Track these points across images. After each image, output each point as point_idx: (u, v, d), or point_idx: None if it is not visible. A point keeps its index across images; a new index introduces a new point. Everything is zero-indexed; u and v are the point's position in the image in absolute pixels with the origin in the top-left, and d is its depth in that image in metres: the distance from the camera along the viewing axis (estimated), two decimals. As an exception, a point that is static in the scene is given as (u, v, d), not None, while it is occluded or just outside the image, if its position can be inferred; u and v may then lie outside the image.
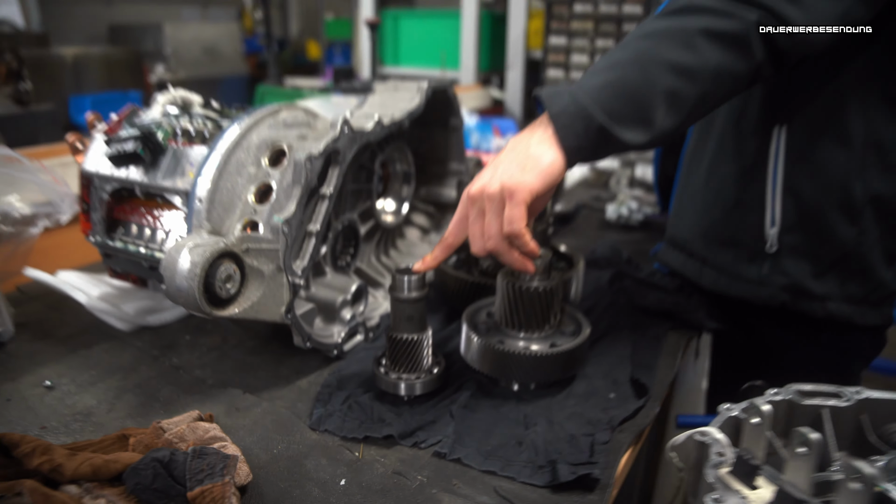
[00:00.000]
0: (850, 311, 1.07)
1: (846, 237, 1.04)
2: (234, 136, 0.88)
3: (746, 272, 1.11)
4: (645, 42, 0.80)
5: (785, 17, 0.79)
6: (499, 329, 0.89)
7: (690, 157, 1.23)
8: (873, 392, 0.78)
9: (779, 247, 1.07)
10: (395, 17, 2.95)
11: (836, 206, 1.03)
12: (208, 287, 0.76)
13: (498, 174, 0.77)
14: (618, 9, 2.17)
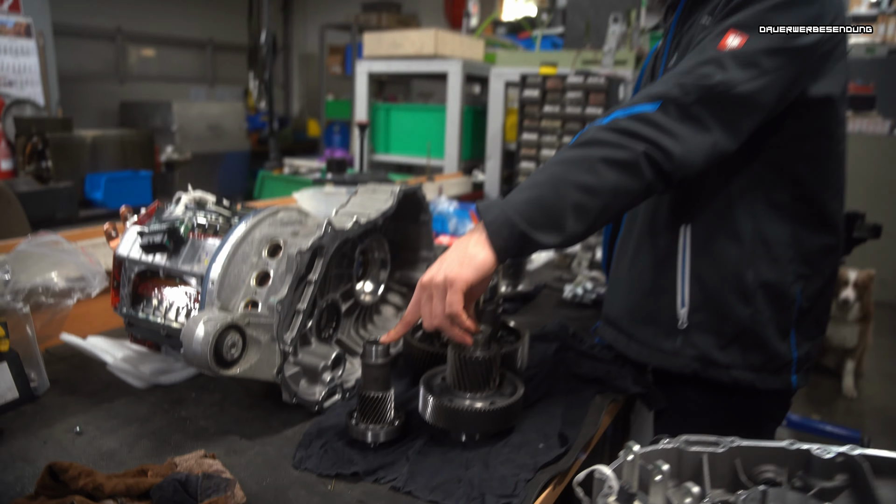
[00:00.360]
0: (753, 378, 1.29)
1: (743, 316, 1.26)
2: (241, 232, 1.11)
3: (663, 345, 1.33)
4: (558, 167, 1.04)
5: (665, 148, 1.04)
6: (449, 390, 1.10)
7: (619, 249, 1.47)
8: (745, 441, 0.98)
9: (688, 324, 1.29)
10: (386, 109, 3.25)
11: (733, 290, 1.26)
12: (217, 352, 0.97)
13: (443, 268, 1.00)
14: (581, 110, 2.44)
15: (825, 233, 1.29)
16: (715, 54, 1.08)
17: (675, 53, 1.31)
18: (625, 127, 1.04)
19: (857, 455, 0.94)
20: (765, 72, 1.08)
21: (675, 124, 1.05)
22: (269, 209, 1.19)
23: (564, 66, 2.68)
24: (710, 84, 1.06)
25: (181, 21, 8.60)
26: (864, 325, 4.14)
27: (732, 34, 1.09)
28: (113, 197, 3.30)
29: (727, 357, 1.28)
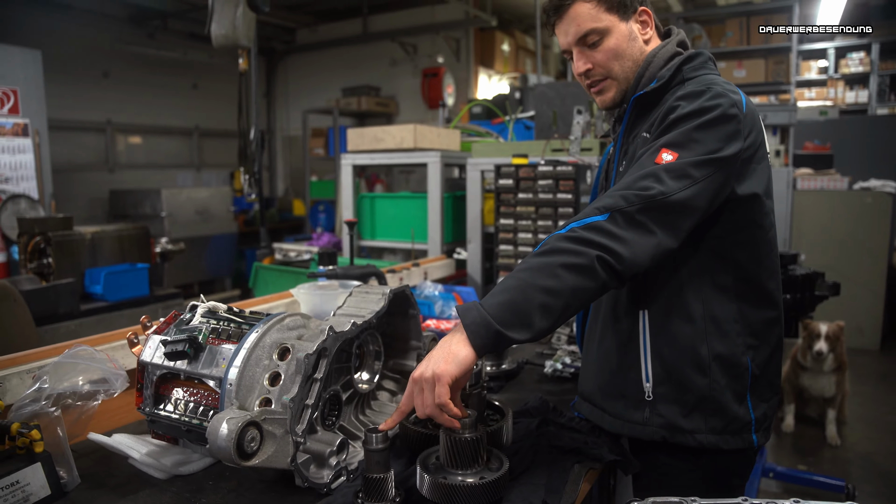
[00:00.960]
0: (716, 440, 1.45)
1: (701, 386, 1.43)
2: (254, 339, 1.28)
3: (633, 417, 1.49)
4: (525, 273, 1.23)
5: (615, 252, 1.23)
6: (443, 468, 1.24)
7: (588, 332, 1.64)
8: (705, 500, 1.14)
9: (654, 396, 1.46)
10: (371, 198, 3.47)
11: (691, 364, 1.44)
12: (239, 446, 1.12)
13: (430, 365, 1.17)
14: (553, 196, 2.65)
15: (767, 307, 1.48)
16: (652, 169, 1.29)
17: (624, 161, 1.54)
18: (580, 236, 1.24)
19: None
20: (696, 181, 1.29)
21: (622, 231, 1.24)
22: (277, 317, 1.36)
23: (535, 155, 2.91)
24: (649, 195, 1.26)
25: (168, 111, 8.93)
26: (840, 374, 4.32)
27: (665, 151, 1.31)
28: (112, 290, 3.44)
29: (691, 423, 1.45)
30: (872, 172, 6.76)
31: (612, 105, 1.58)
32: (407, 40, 9.23)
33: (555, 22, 1.54)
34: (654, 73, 1.52)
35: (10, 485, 1.25)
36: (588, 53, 1.52)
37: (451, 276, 3.20)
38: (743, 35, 8.31)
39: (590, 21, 1.48)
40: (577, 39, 1.51)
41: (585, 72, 1.54)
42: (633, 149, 1.50)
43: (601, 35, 1.50)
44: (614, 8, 1.49)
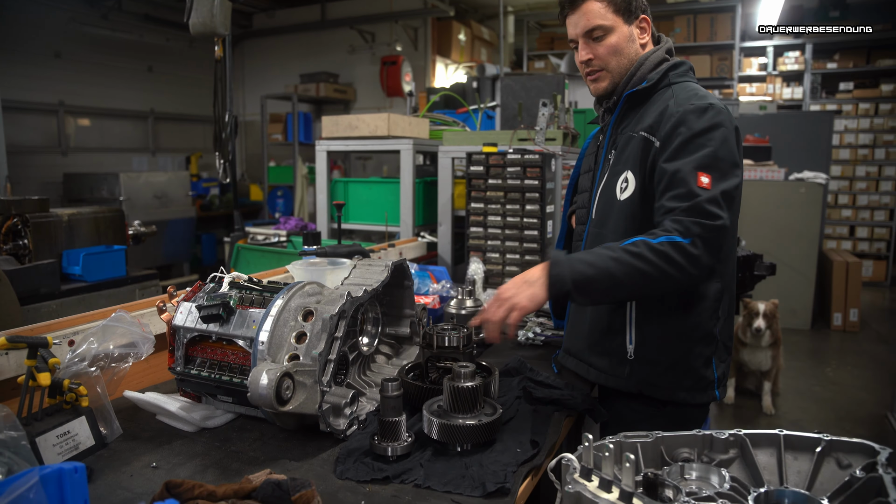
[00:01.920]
0: (686, 396, 1.72)
1: (677, 352, 1.73)
2: (281, 303, 1.46)
3: (616, 371, 1.75)
4: (613, 263, 1.52)
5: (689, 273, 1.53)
6: (446, 413, 1.45)
7: None
8: (667, 433, 1.38)
9: (634, 357, 1.72)
10: (345, 183, 3.63)
11: (671, 333, 1.73)
12: (278, 393, 1.31)
13: (517, 293, 1.56)
14: (521, 182, 2.87)
15: (733, 284, 1.76)
16: (711, 194, 1.55)
17: (613, 149, 1.81)
18: (666, 251, 1.50)
19: (742, 434, 1.35)
20: (736, 202, 1.62)
21: (698, 251, 1.51)
22: (298, 284, 1.55)
23: (502, 143, 3.13)
24: (718, 225, 1.53)
25: (122, 94, 8.82)
26: (776, 349, 4.71)
27: (702, 175, 1.57)
28: (91, 271, 3.52)
29: (665, 381, 1.73)
30: (806, 165, 7.22)
31: (603, 94, 1.85)
32: (365, 28, 9.32)
33: (567, 13, 1.80)
34: (644, 74, 1.78)
35: (64, 433, 1.41)
36: (592, 46, 1.77)
37: (423, 257, 3.40)
38: (690, 31, 8.70)
39: (598, 18, 1.73)
40: (585, 32, 1.76)
41: (587, 60, 1.79)
42: (624, 140, 1.77)
43: (605, 32, 1.74)
44: (620, 11, 1.74)
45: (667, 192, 1.60)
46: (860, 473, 1.25)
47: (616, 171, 1.78)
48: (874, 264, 9.10)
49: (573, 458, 1.21)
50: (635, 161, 1.72)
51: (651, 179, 1.69)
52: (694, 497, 1.22)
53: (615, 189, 1.77)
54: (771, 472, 1.35)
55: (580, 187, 2.04)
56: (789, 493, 1.28)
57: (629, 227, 1.72)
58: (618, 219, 1.76)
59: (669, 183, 1.60)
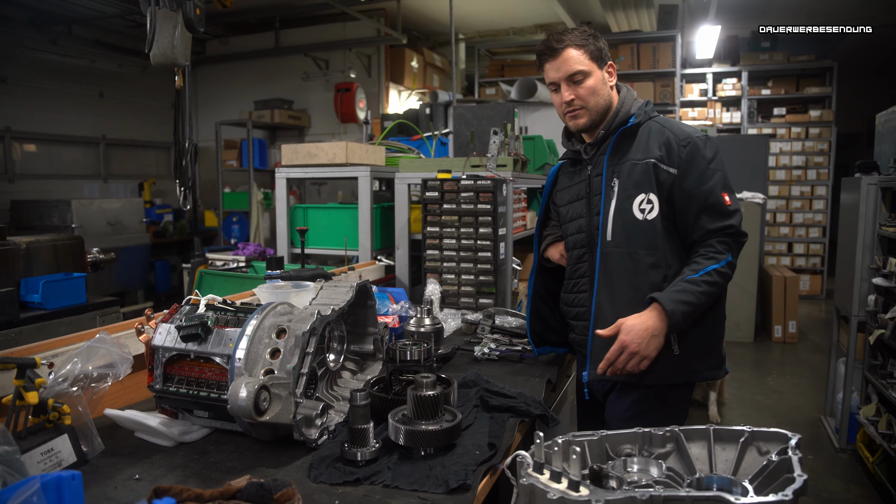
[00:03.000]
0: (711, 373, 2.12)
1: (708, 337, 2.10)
2: (256, 322, 1.58)
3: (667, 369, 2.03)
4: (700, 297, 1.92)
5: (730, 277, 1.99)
6: (410, 421, 1.58)
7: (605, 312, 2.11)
8: (610, 431, 1.53)
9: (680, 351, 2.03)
10: (304, 209, 3.75)
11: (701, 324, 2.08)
12: (255, 404, 1.42)
13: (642, 346, 1.91)
14: (474, 207, 3.03)
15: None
16: (734, 212, 2.00)
17: (615, 177, 2.07)
18: (725, 272, 1.97)
19: (677, 430, 1.51)
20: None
21: (736, 261, 2.01)
22: (270, 305, 1.66)
23: (456, 170, 3.29)
24: (744, 241, 2.03)
25: (73, 119, 8.74)
26: (719, 362, 4.95)
27: (725, 195, 1.99)
28: (50, 298, 3.53)
29: (703, 364, 2.08)
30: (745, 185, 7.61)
31: (582, 129, 2.14)
32: (319, 55, 9.47)
33: (547, 60, 2.07)
34: (628, 111, 2.10)
35: (47, 451, 1.49)
36: (574, 87, 2.05)
37: (382, 279, 3.53)
38: (634, 60, 9.09)
39: (578, 64, 2.02)
40: (567, 76, 2.03)
41: (569, 101, 2.06)
42: (626, 169, 2.05)
43: (584, 76, 2.03)
44: (595, 58, 2.05)
45: (704, 213, 1.98)
46: (775, 457, 1.43)
47: (628, 195, 2.03)
48: (811, 278, 9.58)
49: (526, 455, 1.35)
50: (650, 185, 2.00)
51: (668, 200, 2.01)
52: (635, 485, 1.38)
53: (632, 211, 2.03)
54: (703, 461, 1.52)
55: (568, 216, 2.26)
56: (717, 479, 1.45)
57: (659, 242, 2.02)
58: (646, 236, 2.02)
59: (705, 206, 1.98)
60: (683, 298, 1.90)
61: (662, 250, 2.02)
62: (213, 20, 9.22)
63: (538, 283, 2.43)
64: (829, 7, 8.53)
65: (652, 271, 2.03)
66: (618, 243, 2.06)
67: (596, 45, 2.05)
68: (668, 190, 2.00)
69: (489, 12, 9.54)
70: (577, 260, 2.23)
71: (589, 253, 2.17)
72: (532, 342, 2.42)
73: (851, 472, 4.08)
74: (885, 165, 4.16)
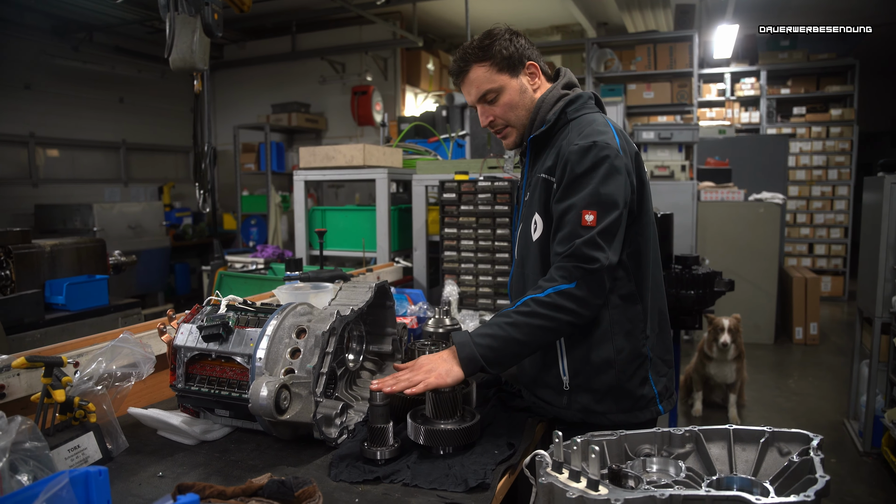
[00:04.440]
0: (626, 417, 1.76)
1: (609, 378, 1.74)
2: (276, 323, 1.60)
3: (557, 402, 1.79)
4: (510, 329, 1.61)
5: (582, 315, 1.64)
6: (430, 420, 1.59)
7: None
8: (630, 431, 1.53)
9: (570, 387, 1.77)
10: (322, 211, 3.78)
11: (599, 361, 1.74)
12: (276, 403, 1.44)
13: (434, 368, 1.60)
14: (492, 208, 3.03)
15: (659, 300, 1.87)
16: (589, 236, 1.63)
17: (528, 191, 1.89)
18: (555, 302, 1.61)
19: (696, 430, 1.51)
20: (617, 238, 1.67)
21: (586, 294, 1.63)
22: (290, 305, 1.68)
23: (473, 171, 3.30)
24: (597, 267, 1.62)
25: (93, 125, 8.87)
26: (740, 362, 4.92)
27: (587, 213, 1.64)
28: (74, 300, 3.59)
29: (603, 406, 1.76)
30: (764, 186, 7.55)
31: (514, 147, 1.95)
32: (335, 58, 9.52)
33: (459, 83, 1.88)
34: (543, 116, 1.85)
35: (74, 448, 1.52)
36: (488, 108, 1.86)
37: (399, 281, 3.54)
38: (651, 60, 9.04)
39: (486, 83, 1.81)
40: (478, 98, 1.85)
41: (489, 123, 1.89)
42: (534, 183, 1.84)
43: (497, 93, 1.82)
44: (505, 69, 1.81)
45: (556, 232, 1.71)
46: (796, 458, 1.43)
47: (529, 213, 1.86)
48: (832, 280, 9.47)
49: (545, 455, 1.36)
50: (540, 203, 1.80)
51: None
52: (654, 484, 1.37)
53: (530, 230, 1.85)
54: (722, 462, 1.51)
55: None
56: (737, 480, 1.45)
57: (545, 266, 1.78)
58: (534, 259, 1.83)
59: (558, 224, 1.71)
60: (486, 332, 1.65)
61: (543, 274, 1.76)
62: (229, 25, 9.31)
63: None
64: (848, 5, 8.44)
65: None
66: (520, 264, 1.92)
67: (503, 51, 1.81)
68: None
69: (505, 14, 9.54)
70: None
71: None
72: None
73: (876, 477, 4.02)
74: (909, 164, 4.11)
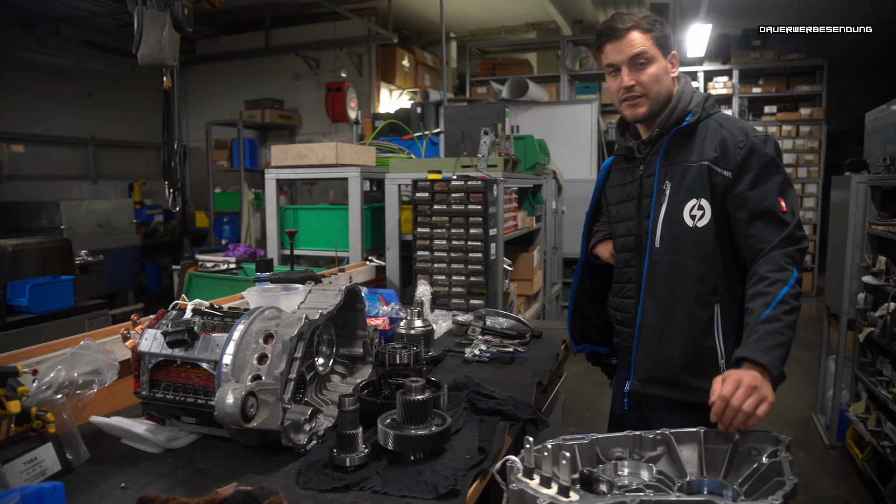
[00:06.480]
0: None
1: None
2: (243, 327, 1.56)
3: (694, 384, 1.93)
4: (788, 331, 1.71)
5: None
6: (400, 425, 1.57)
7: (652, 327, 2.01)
8: (601, 434, 1.52)
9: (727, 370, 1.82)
10: (294, 210, 3.73)
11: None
12: (243, 411, 1.40)
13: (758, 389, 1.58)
14: (465, 207, 3.02)
15: None
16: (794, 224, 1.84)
17: (667, 180, 1.96)
18: (797, 291, 1.77)
19: (668, 433, 1.51)
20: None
21: (801, 273, 1.82)
22: (258, 309, 1.65)
23: (446, 170, 3.28)
24: (805, 247, 1.85)
25: (61, 120, 8.68)
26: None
27: (782, 200, 1.84)
28: (38, 302, 3.50)
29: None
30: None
31: (640, 118, 2.01)
32: (310, 55, 9.43)
33: (609, 41, 1.95)
34: (685, 108, 1.98)
35: (30, 461, 1.47)
36: (635, 72, 1.94)
37: (372, 280, 3.51)
38: (623, 57, 9.09)
39: (643, 48, 1.91)
40: (630, 59, 1.92)
41: (629, 86, 1.95)
42: (679, 171, 1.94)
43: (648, 61, 1.93)
44: (659, 44, 1.94)
45: (757, 219, 1.85)
46: (766, 460, 1.43)
47: (680, 199, 1.93)
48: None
49: (516, 460, 1.34)
50: (703, 190, 1.89)
51: (722, 206, 1.90)
52: (625, 489, 1.37)
53: (683, 217, 1.92)
54: (693, 464, 1.51)
55: (618, 216, 2.16)
56: (708, 482, 1.45)
57: (709, 252, 1.90)
58: (696, 245, 1.92)
59: (758, 211, 1.84)
60: (774, 343, 1.69)
61: (712, 260, 1.90)
62: (202, 19, 9.17)
63: (583, 279, 2.35)
64: (818, 6, 8.56)
65: (698, 283, 1.92)
66: (665, 251, 1.96)
67: (663, 31, 1.95)
68: (723, 195, 1.89)
69: (481, 11, 9.53)
70: (624, 264, 2.15)
71: (637, 258, 2.08)
72: (571, 340, 2.39)
73: (841, 469, 4.10)
74: (875, 164, 4.17)
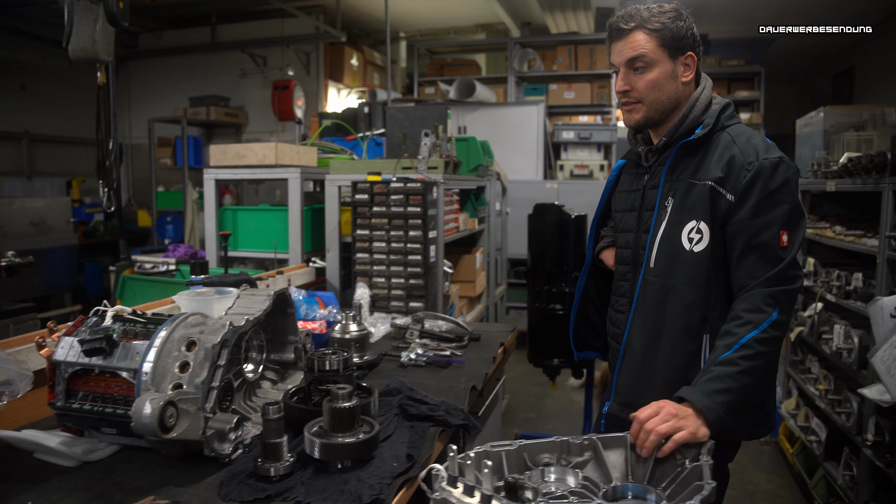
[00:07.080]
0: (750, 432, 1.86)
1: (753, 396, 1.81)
2: (165, 334, 1.52)
3: None
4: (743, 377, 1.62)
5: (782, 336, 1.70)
6: (326, 433, 1.55)
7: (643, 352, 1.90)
8: (528, 441, 1.53)
9: None
10: (233, 211, 3.66)
11: None
12: (161, 421, 1.37)
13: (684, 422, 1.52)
14: (404, 209, 3.01)
15: None
16: (790, 259, 1.70)
17: (670, 196, 1.83)
18: (771, 336, 1.66)
19: (595, 438, 1.53)
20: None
21: (787, 317, 1.70)
22: (182, 315, 1.61)
23: (387, 172, 3.27)
24: (797, 287, 1.71)
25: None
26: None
27: (784, 234, 1.70)
28: (-40, 306, 3.36)
29: (736, 422, 1.75)
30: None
31: (635, 126, 1.89)
32: (257, 52, 9.27)
33: (614, 41, 1.82)
34: (696, 118, 1.81)
35: (-68, 475, 1.40)
36: (631, 77, 1.79)
37: (312, 283, 3.47)
38: (572, 61, 9.21)
39: (642, 49, 1.75)
40: (627, 61, 1.78)
41: (624, 91, 1.82)
42: (682, 188, 1.80)
43: (647, 65, 1.77)
44: (666, 45, 1.76)
45: (751, 252, 1.72)
46: (689, 464, 1.46)
47: (679, 219, 1.80)
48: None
49: (441, 468, 1.34)
50: (704, 212, 1.75)
51: (722, 230, 1.76)
52: (550, 497, 1.38)
53: (681, 239, 1.79)
54: (619, 469, 1.54)
55: (621, 225, 2.06)
56: (632, 487, 1.47)
57: (703, 280, 1.78)
58: (690, 271, 1.79)
59: (753, 243, 1.72)
60: (720, 387, 1.60)
61: (706, 288, 1.77)
62: (145, 13, 8.93)
63: (589, 283, 2.24)
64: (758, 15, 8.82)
65: (688, 312, 1.79)
66: (659, 272, 1.84)
67: (674, 29, 1.76)
68: (723, 219, 1.75)
69: (430, 11, 9.52)
70: (620, 277, 2.05)
71: (632, 273, 1.97)
72: (573, 346, 2.30)
73: (774, 464, 4.23)
74: (805, 169, 4.31)
